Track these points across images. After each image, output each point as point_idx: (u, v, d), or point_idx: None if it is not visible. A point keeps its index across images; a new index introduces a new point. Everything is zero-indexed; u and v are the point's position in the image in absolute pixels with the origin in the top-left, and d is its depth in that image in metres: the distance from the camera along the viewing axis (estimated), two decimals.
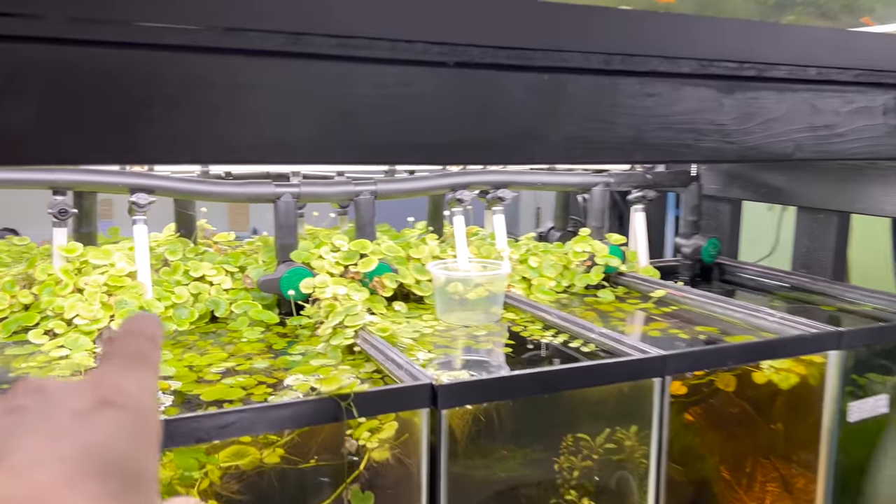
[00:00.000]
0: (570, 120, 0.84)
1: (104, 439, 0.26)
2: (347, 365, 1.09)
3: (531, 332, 1.29)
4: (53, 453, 0.25)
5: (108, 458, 0.26)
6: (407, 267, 1.48)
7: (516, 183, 1.59)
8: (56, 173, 1.20)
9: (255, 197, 1.35)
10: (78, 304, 1.16)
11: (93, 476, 0.25)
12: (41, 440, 0.25)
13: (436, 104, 0.67)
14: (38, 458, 0.24)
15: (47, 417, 0.26)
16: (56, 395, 0.27)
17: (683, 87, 0.88)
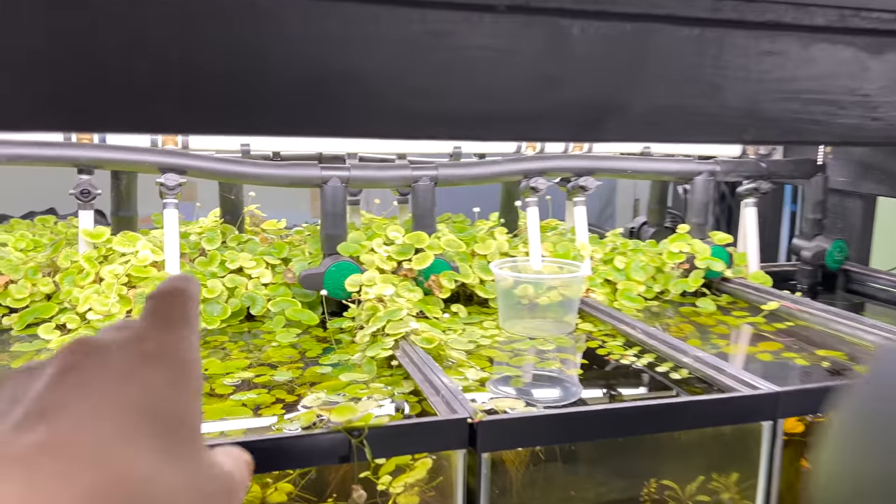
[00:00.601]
0: (659, 85, 0.62)
1: (153, 394, 0.28)
2: (382, 382, 0.92)
3: (610, 350, 1.07)
4: (110, 407, 0.26)
5: (157, 411, 0.28)
6: (470, 264, 1.30)
7: (602, 170, 1.37)
8: (77, 149, 1.09)
9: (297, 180, 1.20)
10: (93, 296, 1.04)
11: (146, 428, 0.27)
12: (97, 395, 0.27)
13: (483, 61, 0.48)
14: (96, 411, 0.26)
15: (100, 374, 0.27)
16: (107, 354, 0.28)
17: (816, 44, 0.65)
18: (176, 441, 0.28)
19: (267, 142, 1.25)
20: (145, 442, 0.26)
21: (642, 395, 0.94)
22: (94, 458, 0.24)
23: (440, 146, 1.33)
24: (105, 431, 0.25)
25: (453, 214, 1.78)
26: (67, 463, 0.24)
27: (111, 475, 0.24)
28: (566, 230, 1.51)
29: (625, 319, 1.15)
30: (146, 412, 0.27)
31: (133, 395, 0.27)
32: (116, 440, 0.25)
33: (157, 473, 0.26)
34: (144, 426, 0.27)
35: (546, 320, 1.18)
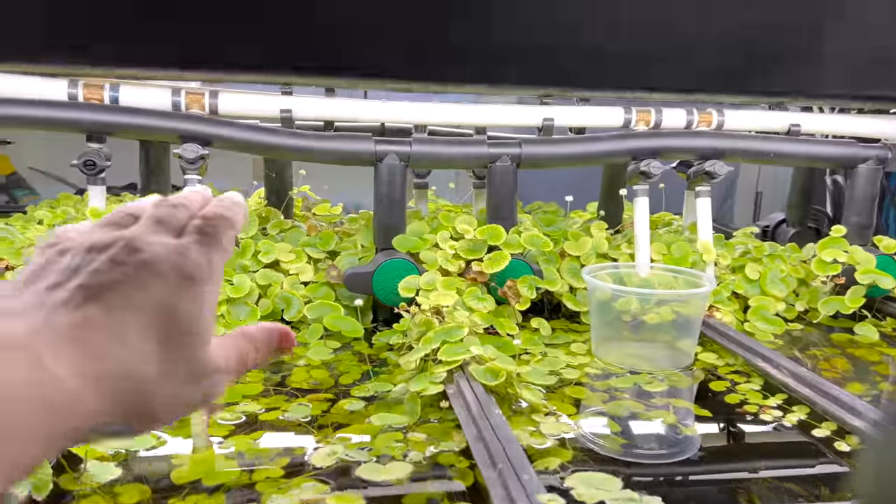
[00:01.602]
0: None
1: (179, 306, 0.31)
2: (425, 432, 0.67)
3: (744, 397, 0.79)
4: (143, 308, 0.30)
5: (178, 322, 0.31)
6: (558, 267, 1.03)
7: (736, 152, 1.07)
8: (80, 111, 0.90)
9: (346, 156, 0.97)
10: None
11: (164, 333, 0.30)
12: (137, 296, 0.30)
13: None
14: (133, 308, 0.30)
15: (144, 277, 0.30)
16: (154, 264, 0.31)
17: None
18: (184, 351, 0.31)
19: (318, 108, 1.02)
20: (161, 345, 0.30)
21: (799, 477, 0.65)
22: (124, 348, 0.29)
23: (527, 116, 1.06)
24: (133, 328, 0.29)
25: (545, 203, 1.52)
26: (106, 342, 0.28)
27: (126, 366, 0.29)
28: (683, 227, 1.22)
29: (762, 352, 0.86)
30: (169, 320, 0.30)
31: (163, 303, 0.30)
32: (139, 338, 0.29)
33: (161, 376, 0.30)
34: (164, 331, 0.30)
35: (655, 346, 0.90)
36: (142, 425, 0.30)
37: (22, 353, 0.26)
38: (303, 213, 1.24)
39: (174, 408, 0.31)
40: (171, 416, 0.31)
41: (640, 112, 1.07)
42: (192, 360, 0.31)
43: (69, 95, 0.92)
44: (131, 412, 0.29)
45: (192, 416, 0.70)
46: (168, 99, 0.95)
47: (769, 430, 0.72)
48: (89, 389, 0.27)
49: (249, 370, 0.39)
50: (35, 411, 0.26)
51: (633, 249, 1.07)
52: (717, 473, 0.66)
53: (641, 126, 1.08)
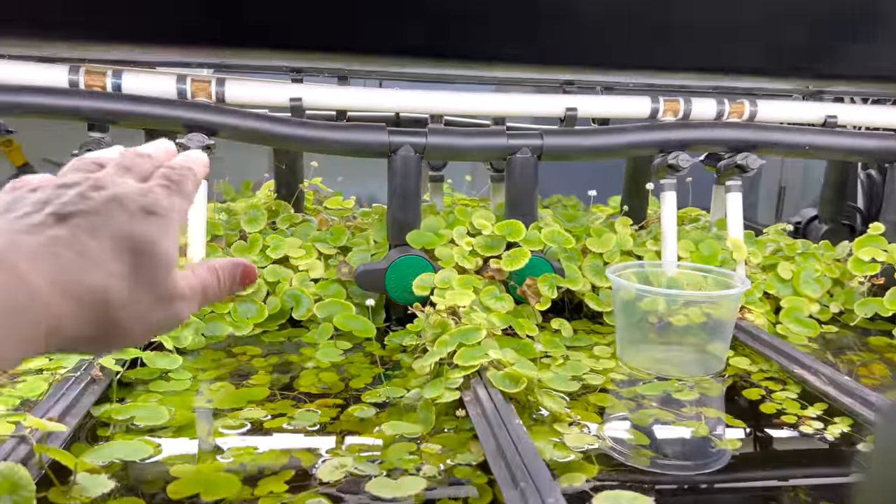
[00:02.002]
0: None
1: (144, 236, 0.34)
2: (439, 442, 0.63)
3: (781, 406, 0.74)
4: (112, 234, 0.33)
5: (144, 249, 0.34)
6: (580, 265, 0.98)
7: (769, 144, 1.01)
8: (81, 98, 0.86)
9: (358, 147, 0.92)
10: None
11: (132, 259, 0.33)
12: (107, 223, 0.33)
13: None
14: (103, 233, 0.33)
15: (112, 208, 0.34)
16: (123, 198, 0.35)
17: None
18: (149, 274, 0.34)
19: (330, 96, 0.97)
20: (127, 267, 0.33)
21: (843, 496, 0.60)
22: (92, 264, 0.31)
23: (548, 105, 1.01)
24: (100, 250, 0.32)
25: (564, 197, 1.47)
26: (75, 258, 0.31)
27: (95, 280, 0.31)
28: (710, 223, 1.17)
29: (799, 357, 0.80)
30: (134, 246, 0.34)
31: (127, 231, 0.34)
32: (107, 258, 0.32)
33: (128, 293, 0.33)
34: (130, 256, 0.33)
35: (683, 350, 0.85)
36: (112, 340, 0.34)
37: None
38: (314, 206, 1.20)
39: (142, 326, 0.34)
40: (140, 335, 0.35)
41: (667, 102, 1.02)
42: (156, 284, 0.35)
43: (70, 82, 0.88)
44: (102, 324, 0.32)
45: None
46: (173, 86, 0.90)
47: (810, 442, 0.67)
48: (60, 296, 0.30)
49: (212, 302, 0.42)
50: (10, 311, 0.28)
51: (659, 247, 1.01)
52: (753, 491, 0.61)
53: (669, 116, 1.02)
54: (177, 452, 0.61)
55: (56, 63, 0.88)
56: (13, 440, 0.53)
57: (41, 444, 0.54)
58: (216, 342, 0.87)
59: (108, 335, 0.33)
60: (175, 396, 0.71)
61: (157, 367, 0.75)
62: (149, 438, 0.62)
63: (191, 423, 0.66)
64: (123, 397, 0.70)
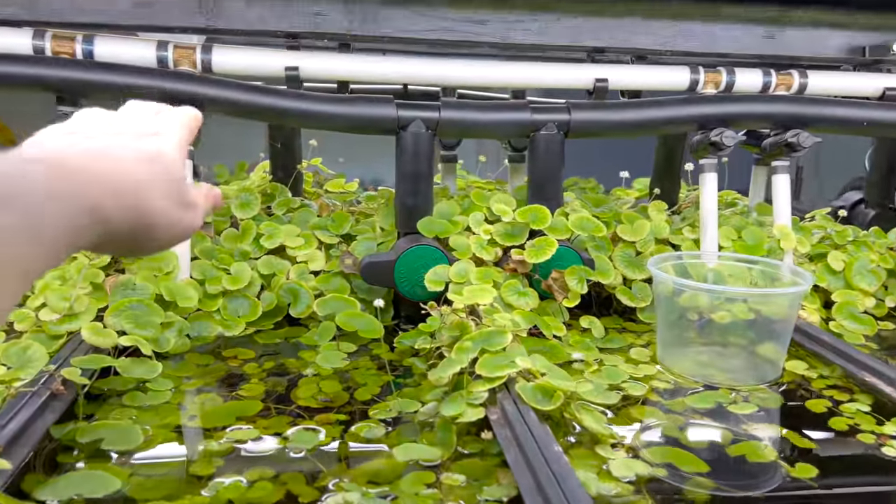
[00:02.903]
0: None
1: (146, 176, 0.40)
2: (461, 472, 0.53)
3: (853, 421, 0.64)
4: (148, 166, 0.41)
5: (170, 176, 0.42)
6: (610, 255, 0.88)
7: (822, 119, 0.90)
8: (48, 67, 0.75)
9: (363, 123, 0.82)
10: (55, 283, 0.71)
11: (164, 184, 0.41)
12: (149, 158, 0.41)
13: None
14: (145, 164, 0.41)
15: (120, 136, 0.42)
16: (162, 154, 0.43)
17: None
18: (174, 181, 0.42)
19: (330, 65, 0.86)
20: (157, 173, 0.41)
21: None
22: (126, 170, 0.39)
23: (576, 76, 0.90)
24: (130, 160, 0.39)
25: (581, 179, 1.36)
26: (115, 164, 0.38)
27: (132, 182, 0.39)
28: (749, 208, 1.06)
29: (869, 364, 0.70)
30: (152, 157, 0.41)
31: (142, 147, 0.41)
32: (135, 167, 0.39)
33: (157, 192, 0.40)
34: (164, 183, 0.41)
35: (728, 352, 0.75)
36: (145, 237, 0.40)
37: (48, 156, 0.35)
38: (313, 189, 1.10)
39: (167, 223, 0.41)
40: (166, 234, 0.41)
41: (708, 73, 0.91)
42: (180, 188, 0.42)
43: (34, 48, 0.77)
44: (138, 219, 0.38)
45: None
46: (152, 53, 0.80)
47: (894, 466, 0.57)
48: (96, 183, 0.35)
49: (210, 212, 0.50)
50: (64, 194, 0.33)
51: (697, 234, 0.91)
52: None
53: (710, 89, 0.91)
54: (151, 485, 0.51)
55: (18, 27, 0.78)
56: None
57: None
58: (203, 344, 0.77)
59: (144, 230, 0.39)
60: (152, 412, 0.61)
61: (133, 376, 0.65)
62: (118, 466, 0.53)
63: (168, 447, 0.56)
64: (92, 413, 0.60)
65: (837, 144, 1.19)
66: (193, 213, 0.44)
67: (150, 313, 0.71)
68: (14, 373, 0.60)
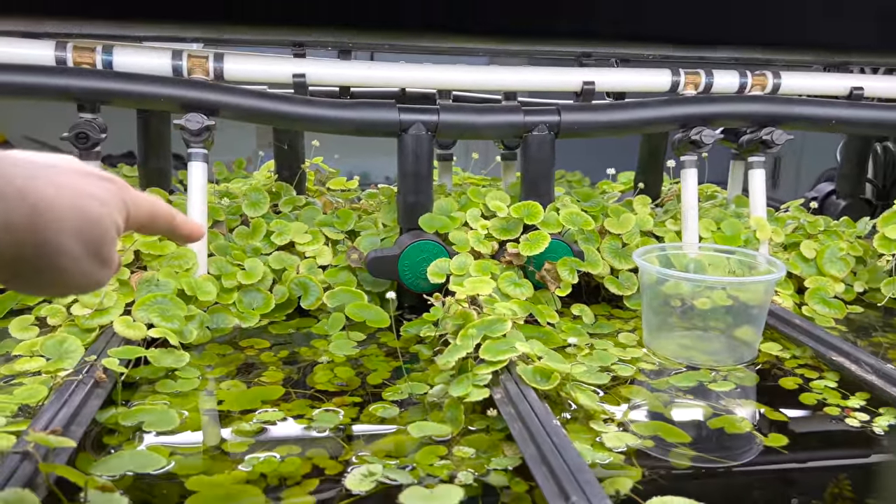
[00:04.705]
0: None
1: (68, 212, 0.38)
2: (471, 445, 0.59)
3: (821, 396, 0.71)
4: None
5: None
6: (598, 246, 0.94)
7: (794, 118, 0.97)
8: (70, 77, 0.80)
9: (366, 125, 0.87)
10: None
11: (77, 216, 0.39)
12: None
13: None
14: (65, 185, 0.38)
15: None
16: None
17: None
18: (95, 247, 0.40)
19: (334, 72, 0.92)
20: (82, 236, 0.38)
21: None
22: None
23: (564, 79, 0.96)
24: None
25: (568, 173, 1.43)
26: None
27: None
28: (727, 200, 1.13)
29: (837, 344, 0.77)
30: (92, 221, 0.39)
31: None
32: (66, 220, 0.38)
33: (72, 255, 0.38)
34: (85, 227, 0.39)
35: (709, 335, 0.82)
36: (34, 275, 0.37)
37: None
38: (316, 187, 1.15)
39: (77, 270, 0.39)
40: (70, 277, 0.39)
41: (688, 75, 0.97)
42: (104, 240, 0.40)
43: (57, 59, 0.82)
44: (31, 244, 0.36)
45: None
46: (168, 63, 0.85)
47: (858, 436, 0.64)
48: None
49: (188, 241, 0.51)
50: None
51: (679, 226, 0.98)
52: (802, 488, 0.58)
53: (690, 90, 0.98)
54: (191, 461, 0.57)
55: (41, 38, 0.82)
56: (16, 456, 0.49)
57: (46, 460, 0.50)
58: (222, 335, 0.82)
59: (39, 266, 0.37)
60: (183, 397, 0.67)
61: (163, 365, 0.71)
62: (160, 445, 0.58)
63: (203, 428, 0.62)
64: (129, 399, 0.66)
65: (819, 136, 1.26)
66: (107, 271, 0.42)
67: (174, 307, 0.76)
68: (55, 363, 0.66)
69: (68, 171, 0.39)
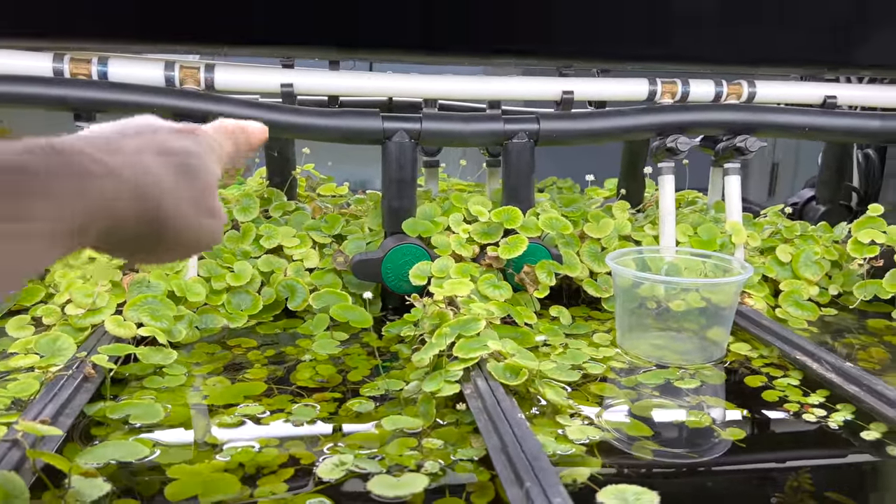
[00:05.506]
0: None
1: (170, 182, 0.39)
2: (440, 437, 0.62)
3: (783, 394, 0.73)
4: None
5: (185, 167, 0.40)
6: (578, 250, 0.97)
7: (769, 126, 1.00)
8: (67, 87, 0.84)
9: (352, 133, 0.91)
10: (77, 282, 0.80)
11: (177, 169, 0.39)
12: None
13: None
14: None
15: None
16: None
17: None
18: (203, 204, 0.41)
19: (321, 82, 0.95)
20: (177, 185, 0.39)
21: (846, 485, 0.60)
22: (153, 175, 0.37)
23: (545, 89, 0.99)
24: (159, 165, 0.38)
25: (560, 179, 1.46)
26: (144, 171, 0.36)
27: (154, 188, 0.37)
28: (708, 206, 1.16)
29: (800, 343, 0.80)
30: (194, 182, 0.40)
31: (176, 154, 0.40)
32: (163, 174, 0.38)
33: (178, 205, 0.38)
34: (190, 190, 0.40)
35: (682, 336, 0.84)
36: (160, 243, 0.38)
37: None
38: (307, 193, 1.18)
39: (188, 234, 0.39)
40: (185, 242, 0.39)
41: (665, 84, 1.00)
42: (207, 196, 0.41)
43: (54, 70, 0.86)
44: (152, 223, 0.36)
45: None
46: (161, 73, 0.88)
47: (813, 431, 0.66)
48: (127, 170, 0.34)
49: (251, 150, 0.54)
50: (80, 176, 0.32)
51: (657, 231, 1.00)
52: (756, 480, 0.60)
53: (667, 99, 1.01)
54: (173, 452, 0.60)
55: (40, 50, 0.86)
56: (5, 444, 0.52)
57: (34, 448, 0.53)
58: (210, 335, 0.86)
59: (159, 236, 0.37)
60: (170, 393, 0.70)
61: (151, 362, 0.74)
62: (144, 437, 0.61)
63: (187, 421, 0.65)
64: (117, 394, 0.69)
65: (816, 144, 1.28)
66: (217, 221, 0.42)
67: (164, 307, 0.79)
68: (48, 360, 0.69)
69: (150, 134, 0.39)
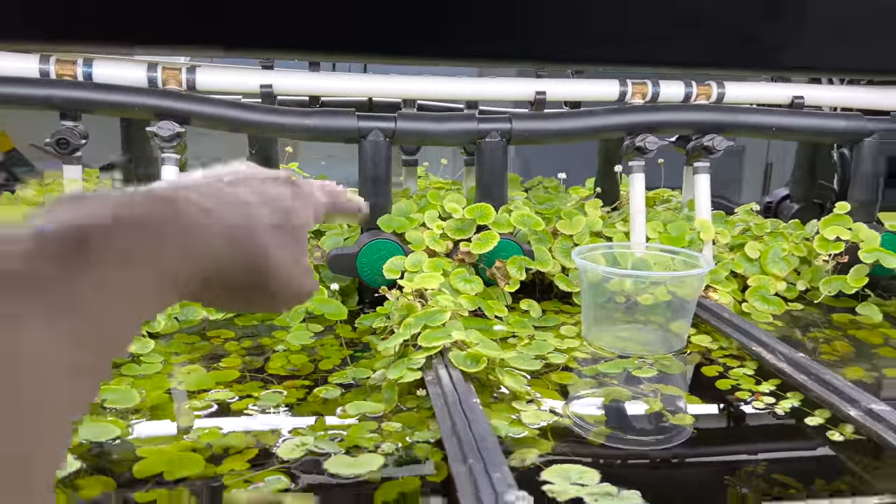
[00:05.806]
0: None
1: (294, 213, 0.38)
2: (400, 421, 0.65)
3: (736, 382, 0.76)
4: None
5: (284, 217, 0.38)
6: (550, 246, 1.00)
7: (735, 126, 1.03)
8: (52, 88, 0.87)
9: (327, 132, 0.94)
10: None
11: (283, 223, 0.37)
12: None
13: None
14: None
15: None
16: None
17: None
18: (297, 247, 0.38)
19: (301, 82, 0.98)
20: (282, 240, 0.37)
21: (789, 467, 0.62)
22: (256, 227, 0.35)
23: (519, 89, 1.02)
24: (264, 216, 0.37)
25: (546, 179, 1.48)
26: (245, 217, 0.35)
27: (260, 240, 0.35)
28: (682, 204, 1.18)
29: (757, 335, 0.82)
30: (288, 222, 0.38)
31: (286, 209, 0.38)
32: (267, 228, 0.36)
33: (280, 258, 0.36)
34: (284, 230, 0.37)
35: (647, 328, 0.87)
36: (263, 294, 0.36)
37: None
38: None
39: (288, 288, 0.37)
40: (285, 294, 0.37)
41: (636, 85, 1.03)
42: (300, 254, 0.39)
43: (40, 72, 0.89)
44: (256, 272, 0.35)
45: None
46: (144, 74, 0.91)
47: (760, 417, 0.69)
48: (224, 241, 0.33)
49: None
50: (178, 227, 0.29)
51: (628, 228, 1.03)
52: (702, 466, 0.63)
53: (637, 99, 1.04)
54: (145, 434, 0.63)
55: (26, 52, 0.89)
56: None
57: None
58: (190, 326, 0.89)
59: (261, 285, 0.36)
60: (146, 380, 0.73)
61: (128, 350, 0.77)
62: (118, 419, 0.64)
63: (161, 405, 0.68)
64: None
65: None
66: (308, 278, 0.41)
67: None
68: None
69: (253, 182, 0.38)
